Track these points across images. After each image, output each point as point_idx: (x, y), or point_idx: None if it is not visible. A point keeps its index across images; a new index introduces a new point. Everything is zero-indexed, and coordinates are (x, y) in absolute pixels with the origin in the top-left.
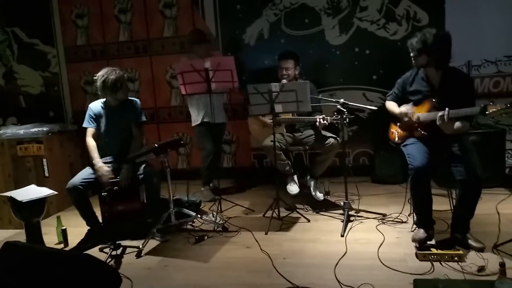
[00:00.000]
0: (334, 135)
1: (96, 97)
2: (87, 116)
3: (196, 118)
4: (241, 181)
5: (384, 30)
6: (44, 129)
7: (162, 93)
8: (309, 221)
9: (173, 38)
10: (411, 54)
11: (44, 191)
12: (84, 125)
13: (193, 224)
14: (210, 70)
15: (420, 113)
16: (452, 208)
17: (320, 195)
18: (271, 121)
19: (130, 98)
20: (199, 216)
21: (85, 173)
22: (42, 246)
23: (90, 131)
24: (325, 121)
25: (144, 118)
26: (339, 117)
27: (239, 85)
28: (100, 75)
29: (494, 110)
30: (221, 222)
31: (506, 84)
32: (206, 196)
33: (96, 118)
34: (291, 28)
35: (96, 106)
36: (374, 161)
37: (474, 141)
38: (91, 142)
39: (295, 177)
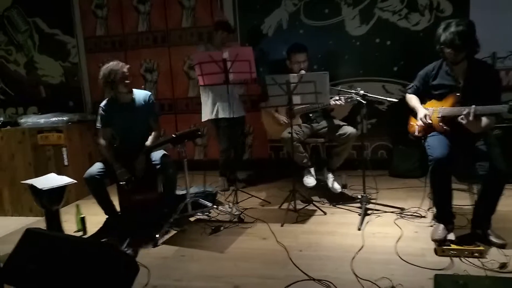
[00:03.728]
0: (349, 125)
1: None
2: (98, 116)
3: (209, 113)
4: (258, 173)
5: (406, 21)
6: (64, 118)
7: (180, 84)
8: (325, 214)
9: (191, 29)
10: (448, 51)
11: (63, 180)
12: (97, 125)
13: (209, 214)
14: (228, 61)
15: (443, 107)
16: (473, 203)
17: (337, 187)
18: (284, 120)
19: (142, 90)
20: (215, 206)
21: (102, 163)
22: (62, 233)
23: (101, 131)
24: (337, 101)
25: (158, 113)
26: (352, 96)
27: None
28: (100, 72)
29: None
30: (237, 213)
31: None
32: (220, 186)
33: (108, 116)
34: (310, 19)
35: (105, 104)
36: (393, 155)
37: (498, 135)
38: (102, 143)
39: (312, 169)
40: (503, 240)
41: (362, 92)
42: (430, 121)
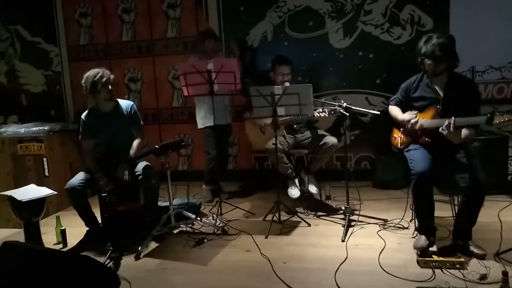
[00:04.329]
0: (331, 136)
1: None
2: (81, 128)
3: (202, 121)
4: (242, 184)
5: (388, 34)
6: (45, 128)
7: (164, 94)
8: (309, 225)
9: (176, 39)
10: (428, 62)
11: (43, 191)
12: (80, 138)
13: (193, 226)
14: (213, 72)
15: (424, 119)
16: (454, 214)
17: (314, 190)
18: (269, 122)
19: (125, 100)
20: (198, 218)
21: (84, 174)
22: (41, 246)
23: (86, 144)
24: (321, 113)
25: (141, 122)
26: (335, 108)
27: (240, 87)
28: (84, 76)
29: (502, 120)
30: (221, 225)
31: (510, 90)
32: (204, 197)
33: (90, 126)
34: (295, 31)
35: (87, 115)
36: (376, 166)
37: (477, 147)
38: (89, 160)
39: (296, 180)
40: (483, 251)
41: (345, 104)
42: (416, 119)
